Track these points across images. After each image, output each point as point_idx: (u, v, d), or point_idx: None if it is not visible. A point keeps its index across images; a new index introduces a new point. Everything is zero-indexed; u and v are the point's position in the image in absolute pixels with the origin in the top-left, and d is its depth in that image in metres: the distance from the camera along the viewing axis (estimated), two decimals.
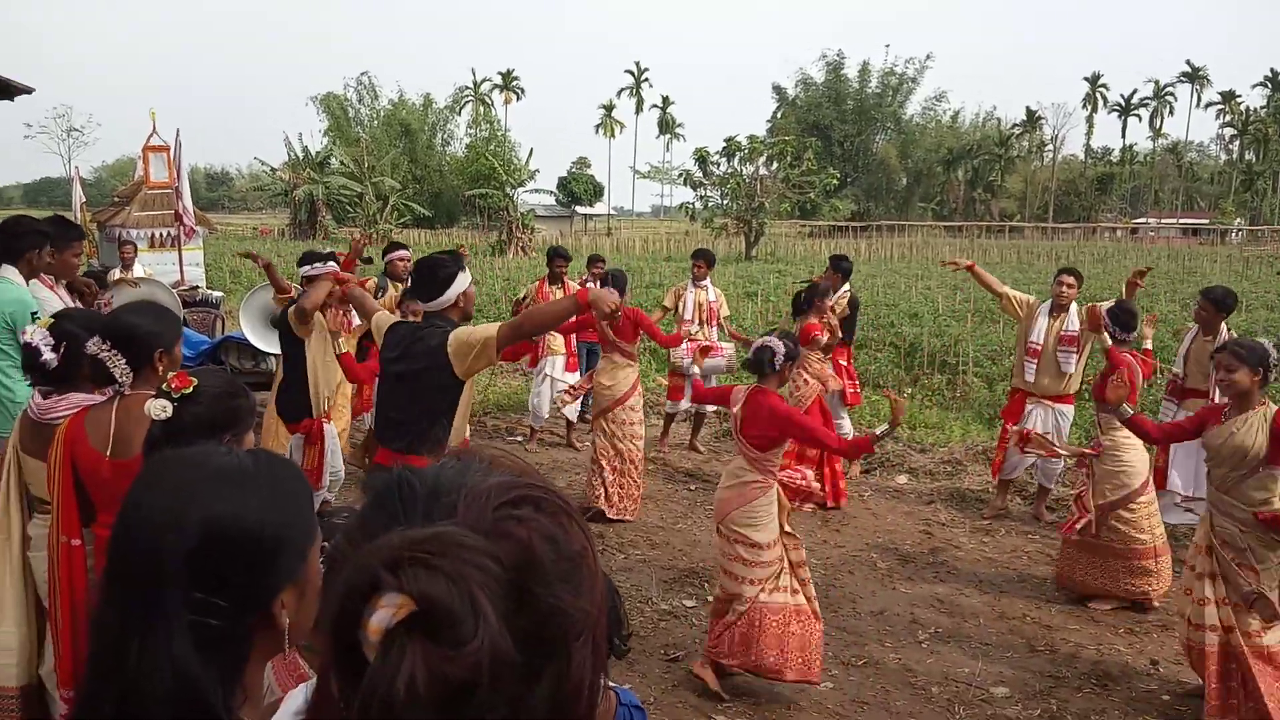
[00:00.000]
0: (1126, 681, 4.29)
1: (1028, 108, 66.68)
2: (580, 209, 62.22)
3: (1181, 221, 57.45)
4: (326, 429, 5.36)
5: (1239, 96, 69.97)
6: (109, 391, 2.67)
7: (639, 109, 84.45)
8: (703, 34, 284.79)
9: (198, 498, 1.07)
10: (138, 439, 2.24)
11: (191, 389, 2.12)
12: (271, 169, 42.68)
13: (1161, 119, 74.95)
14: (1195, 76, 74.95)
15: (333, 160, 40.91)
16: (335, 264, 5.40)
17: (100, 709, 1.02)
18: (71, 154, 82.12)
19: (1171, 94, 74.96)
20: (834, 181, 35.21)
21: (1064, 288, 6.21)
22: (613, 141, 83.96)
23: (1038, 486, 6.73)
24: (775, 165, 32.96)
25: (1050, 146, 69.92)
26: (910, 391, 10.46)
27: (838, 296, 7.24)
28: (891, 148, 62.67)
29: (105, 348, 2.58)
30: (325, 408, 5.32)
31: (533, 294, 8.05)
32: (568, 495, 0.75)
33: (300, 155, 41.21)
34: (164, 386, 2.14)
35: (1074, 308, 6.21)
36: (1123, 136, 76.11)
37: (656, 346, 10.78)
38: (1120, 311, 5.04)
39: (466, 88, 67.01)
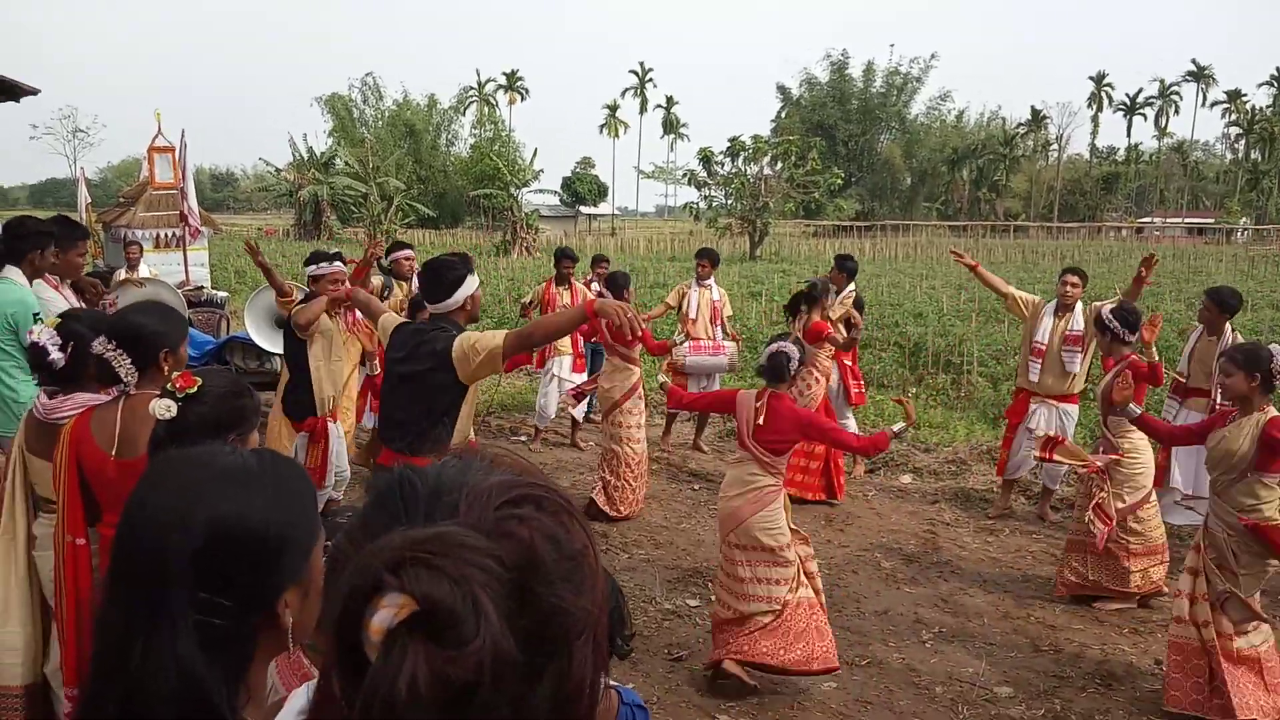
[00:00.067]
0: (1131, 681, 4.28)
1: (1032, 107, 66.71)
2: (584, 209, 62.26)
3: (1187, 221, 57.27)
4: (331, 428, 5.39)
5: (1244, 95, 69.79)
6: (114, 391, 2.68)
7: (643, 109, 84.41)
8: (704, 34, 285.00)
9: (203, 497, 1.07)
10: (143, 439, 2.25)
11: (196, 389, 2.13)
12: (276, 169, 42.71)
13: (1167, 118, 74.78)
14: (1201, 75, 74.72)
15: (337, 161, 40.95)
16: (341, 264, 5.42)
17: (104, 708, 1.02)
18: (77, 155, 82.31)
19: (1177, 93, 74.77)
20: (838, 181, 35.21)
21: (1068, 287, 6.22)
22: (617, 141, 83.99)
23: (1042, 487, 6.72)
24: (780, 165, 32.96)
25: (1055, 146, 69.83)
26: (915, 391, 10.44)
27: (843, 296, 7.23)
28: (896, 147, 62.61)
29: (111, 347, 2.59)
30: (330, 407, 5.34)
31: (539, 295, 8.05)
32: (569, 494, 0.75)
33: (305, 156, 41.26)
34: (169, 386, 2.15)
35: (1079, 307, 6.21)
36: (1128, 135, 75.66)
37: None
38: (1124, 312, 5.03)
39: (471, 88, 67.11)
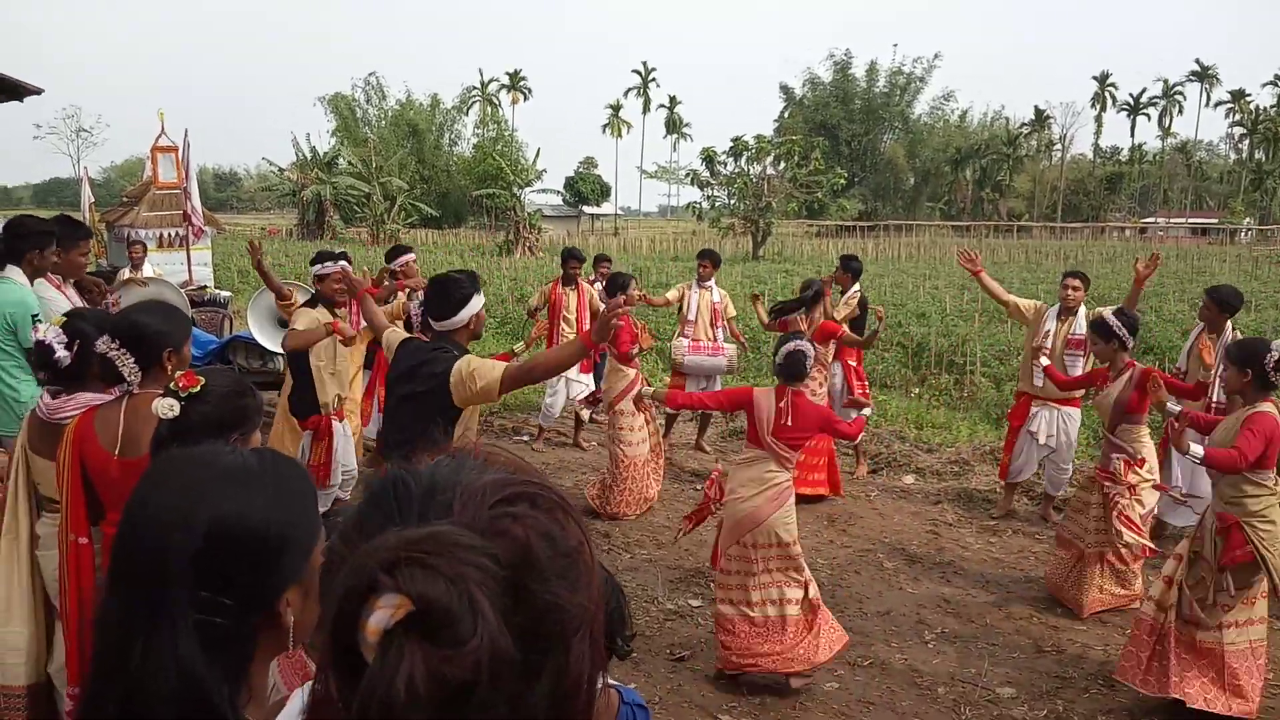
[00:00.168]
0: None
1: (1036, 107, 66.59)
2: (587, 209, 62.35)
3: (1190, 221, 57.23)
4: (336, 427, 5.39)
5: (1248, 95, 69.67)
6: (117, 391, 2.68)
7: (646, 109, 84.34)
8: (705, 34, 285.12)
9: (205, 497, 1.07)
10: (146, 438, 2.25)
11: (199, 388, 2.13)
12: (279, 169, 42.76)
13: (1170, 118, 74.63)
14: (1204, 75, 74.57)
15: (340, 160, 41.02)
16: (347, 263, 5.43)
17: (104, 708, 1.02)
18: (80, 154, 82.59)
19: (1180, 93, 74.63)
20: (841, 181, 35.23)
21: (1070, 290, 6.22)
22: (620, 141, 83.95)
23: (1043, 491, 6.71)
24: (782, 165, 33.00)
25: (1059, 146, 69.77)
26: (918, 391, 10.44)
27: (848, 296, 7.25)
28: (899, 147, 62.58)
29: (114, 347, 2.59)
30: (335, 407, 5.36)
31: (546, 296, 8.07)
32: (566, 492, 0.75)
33: (308, 155, 41.29)
34: (172, 385, 2.15)
35: (1081, 310, 6.21)
36: (1131, 135, 75.46)
37: (661, 349, 10.82)
38: (1127, 316, 5.03)
39: (474, 88, 67.12)
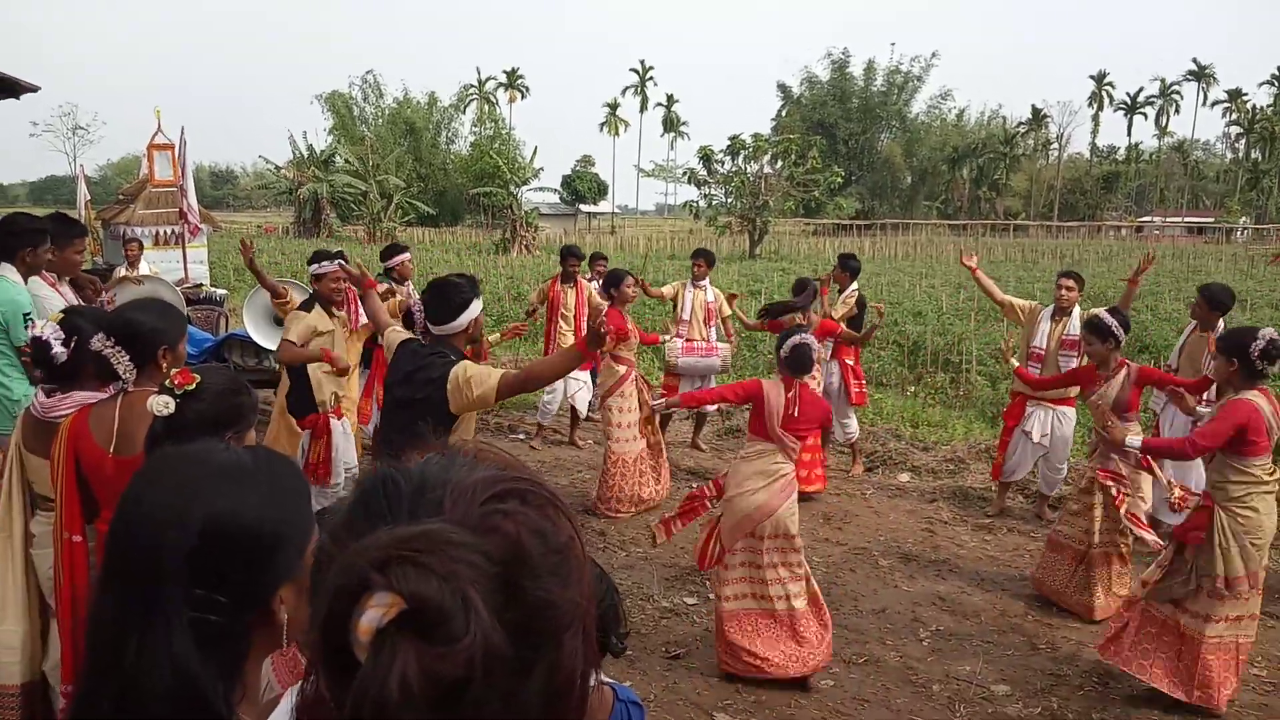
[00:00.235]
0: (1127, 680, 4.27)
1: (1033, 106, 66.58)
2: (584, 207, 62.26)
3: (1187, 220, 57.30)
4: (334, 424, 5.38)
5: (1245, 94, 69.73)
6: (112, 389, 2.68)
7: (643, 107, 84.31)
8: (704, 34, 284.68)
9: (200, 495, 1.07)
10: (141, 436, 2.24)
11: (195, 385, 2.12)
12: (276, 167, 42.65)
13: (1167, 117, 74.74)
14: (1201, 74, 74.65)
15: (337, 158, 40.96)
16: (345, 263, 5.42)
17: (98, 705, 1.02)
18: (77, 152, 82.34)
19: (1177, 92, 74.71)
20: (838, 180, 35.22)
21: (1064, 291, 6.23)
22: (617, 140, 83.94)
23: (1038, 490, 6.72)
24: (780, 163, 32.98)
25: (1055, 145, 69.79)
26: (914, 390, 10.45)
27: (846, 295, 7.26)
28: (896, 146, 62.58)
29: (109, 344, 2.59)
30: (333, 405, 5.35)
31: (544, 293, 8.08)
32: (561, 490, 0.75)
33: (305, 153, 41.21)
34: (167, 383, 2.14)
35: (1076, 311, 6.22)
36: (1128, 135, 75.67)
37: (657, 346, 10.80)
38: (1121, 315, 5.04)
39: (471, 86, 67.04)
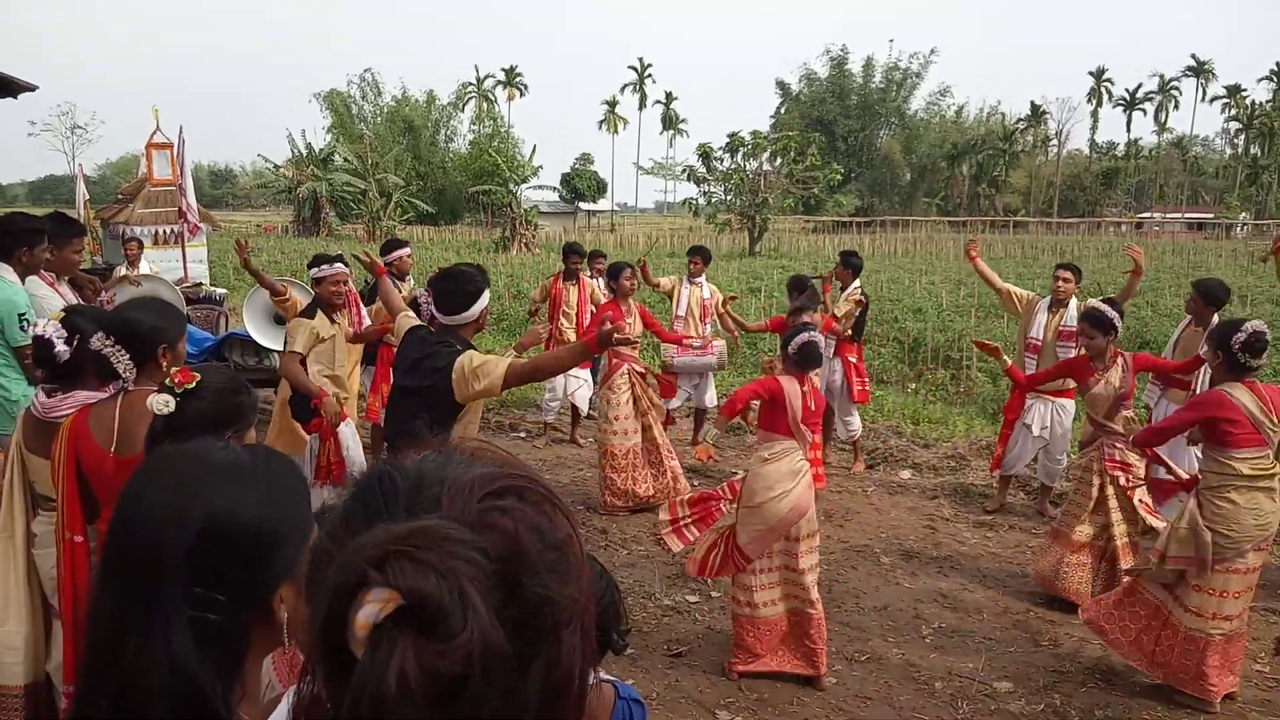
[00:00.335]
0: (1130, 676, 4.28)
1: (1032, 102, 66.45)
2: (584, 205, 62.28)
3: (1186, 216, 57.31)
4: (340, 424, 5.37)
5: (1244, 90, 69.66)
6: (113, 388, 2.67)
7: (642, 105, 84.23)
8: (703, 34, 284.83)
9: (199, 493, 1.07)
10: (142, 435, 2.24)
11: (194, 384, 2.12)
12: (275, 166, 42.62)
13: (1166, 113, 74.65)
14: (1200, 70, 74.59)
15: (336, 157, 40.94)
16: (344, 265, 5.42)
17: (97, 704, 1.01)
18: (75, 151, 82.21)
19: (1176, 88, 74.66)
20: (838, 177, 35.24)
21: (1061, 283, 6.27)
22: (616, 137, 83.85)
23: (1040, 484, 6.72)
24: (779, 161, 32.98)
25: (1055, 141, 69.74)
26: (914, 386, 10.45)
27: (848, 293, 7.27)
28: (895, 143, 62.57)
29: (109, 343, 2.58)
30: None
31: (547, 290, 8.08)
32: (562, 488, 0.75)
33: (303, 152, 41.19)
34: (167, 381, 2.14)
35: (1073, 303, 6.24)
36: (1128, 131, 75.56)
37: (659, 344, 10.79)
38: (1117, 306, 5.06)
39: (470, 84, 66.99)
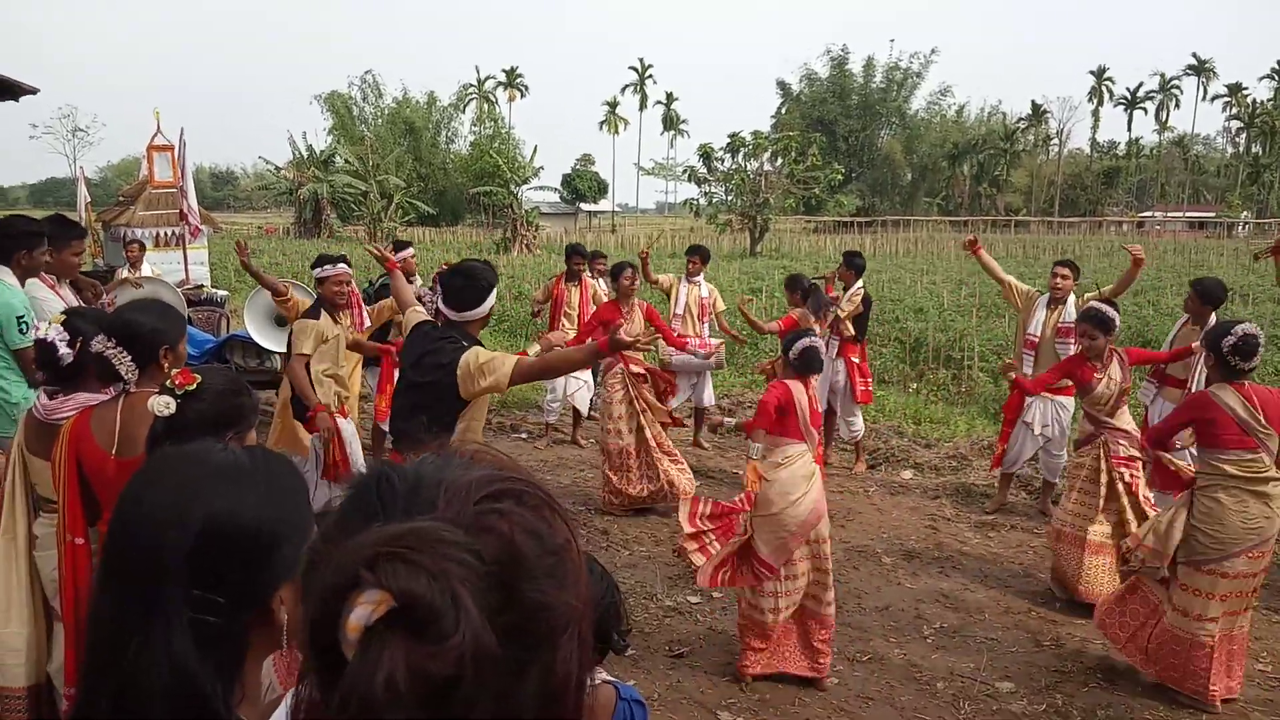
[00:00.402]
0: (1131, 676, 4.27)
1: (1033, 101, 66.42)
2: (585, 206, 62.25)
3: (1188, 215, 57.25)
4: (342, 424, 5.39)
5: (1245, 89, 69.64)
6: (114, 390, 2.68)
7: (643, 105, 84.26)
8: (703, 34, 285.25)
9: (199, 495, 1.07)
10: (143, 437, 2.24)
11: (195, 386, 2.12)
12: (276, 168, 42.63)
13: (1167, 112, 74.58)
14: (1201, 69, 74.55)
15: (337, 159, 40.92)
16: (347, 266, 5.43)
17: (97, 705, 1.02)
18: (76, 154, 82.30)
19: (1177, 87, 74.61)
20: (839, 177, 35.17)
21: (1059, 280, 6.28)
22: (617, 138, 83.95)
23: (1042, 481, 6.72)
24: (780, 161, 32.96)
25: (1056, 140, 69.67)
26: (915, 386, 10.44)
27: (851, 293, 7.27)
28: (896, 143, 62.52)
29: (111, 345, 2.59)
30: (336, 406, 5.36)
31: (549, 290, 8.08)
32: (561, 489, 0.75)
33: (304, 154, 41.19)
34: (168, 383, 2.14)
35: (1071, 300, 6.25)
36: (1129, 130, 75.53)
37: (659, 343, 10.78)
38: (1112, 304, 5.08)
39: (470, 85, 67.02)
